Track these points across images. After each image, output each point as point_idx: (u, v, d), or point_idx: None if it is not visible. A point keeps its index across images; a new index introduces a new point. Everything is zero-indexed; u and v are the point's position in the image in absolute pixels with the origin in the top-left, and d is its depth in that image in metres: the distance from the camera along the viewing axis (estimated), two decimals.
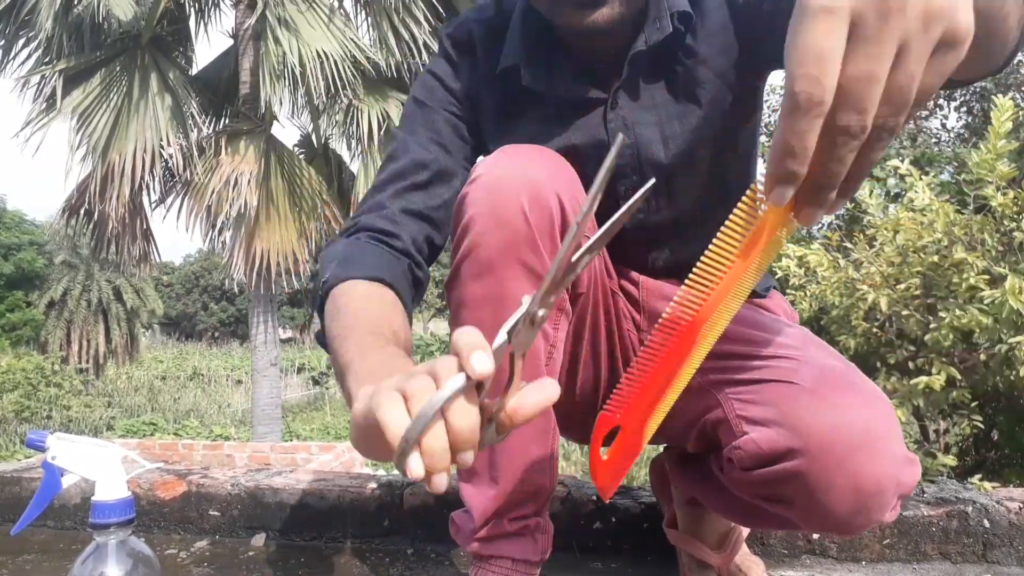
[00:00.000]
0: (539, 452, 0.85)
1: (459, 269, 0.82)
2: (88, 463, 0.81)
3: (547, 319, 0.82)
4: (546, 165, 0.83)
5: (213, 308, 34.36)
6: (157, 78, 6.58)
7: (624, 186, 0.91)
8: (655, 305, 0.94)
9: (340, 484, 1.37)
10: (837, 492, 0.73)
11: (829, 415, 0.73)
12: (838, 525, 0.76)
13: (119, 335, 19.01)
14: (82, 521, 1.42)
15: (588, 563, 1.22)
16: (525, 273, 0.80)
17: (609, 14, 0.82)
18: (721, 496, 0.91)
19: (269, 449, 6.71)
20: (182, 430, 11.72)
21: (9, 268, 20.61)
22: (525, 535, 0.87)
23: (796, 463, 0.74)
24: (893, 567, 1.18)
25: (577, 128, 0.91)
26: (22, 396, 13.43)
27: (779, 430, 0.75)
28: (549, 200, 0.80)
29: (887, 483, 0.72)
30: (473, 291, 0.81)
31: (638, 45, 0.86)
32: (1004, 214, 1.82)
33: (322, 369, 20.15)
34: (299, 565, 1.24)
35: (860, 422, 0.73)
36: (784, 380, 0.78)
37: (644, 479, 4.56)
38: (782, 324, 0.89)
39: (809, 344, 0.84)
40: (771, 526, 1.04)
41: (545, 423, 0.85)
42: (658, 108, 0.90)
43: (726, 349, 0.86)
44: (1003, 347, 1.70)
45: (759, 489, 0.80)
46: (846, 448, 0.72)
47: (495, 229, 0.79)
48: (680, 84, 0.89)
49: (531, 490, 0.86)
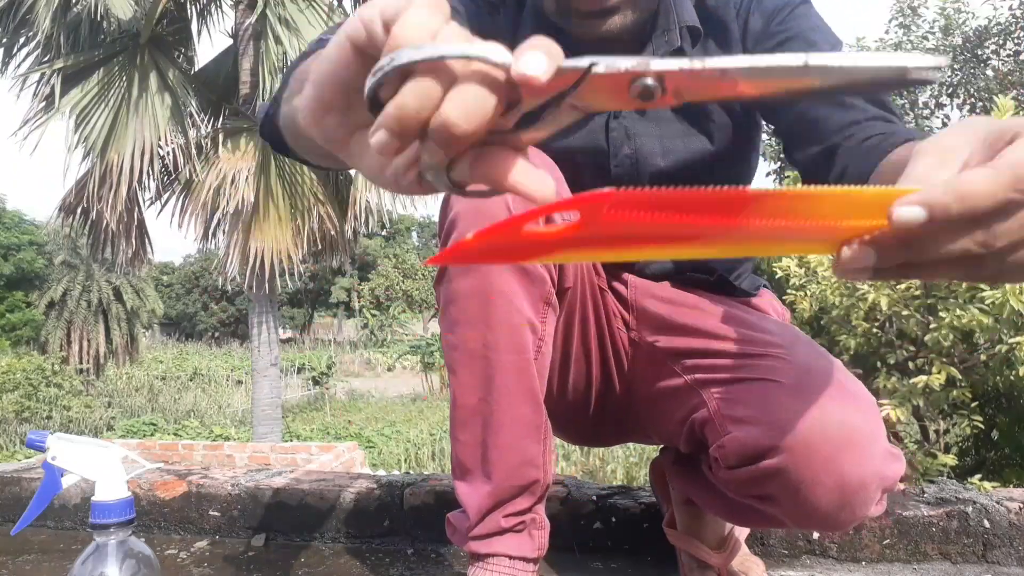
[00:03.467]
0: (532, 446, 0.85)
1: (447, 266, 0.83)
2: (88, 463, 0.81)
3: (536, 313, 0.83)
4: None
5: (213, 308, 34.36)
6: (156, 77, 6.58)
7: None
8: (645, 304, 0.94)
9: (340, 484, 1.37)
10: (821, 489, 0.73)
11: (811, 413, 0.74)
12: (823, 521, 0.77)
13: (119, 335, 19.01)
14: (82, 521, 1.42)
15: (588, 563, 1.22)
16: (511, 267, 0.81)
17: (621, 23, 0.82)
18: (714, 496, 0.92)
19: (269, 449, 6.71)
20: (182, 430, 11.72)
21: (9, 268, 20.61)
22: (521, 531, 0.87)
23: (777, 460, 0.74)
24: (893, 567, 1.18)
25: (577, 134, 0.91)
26: (22, 396, 13.42)
27: (761, 428, 0.76)
28: None
29: (870, 479, 0.73)
30: (460, 287, 0.82)
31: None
32: None
33: (322, 369, 20.16)
34: (299, 565, 1.24)
35: (841, 418, 0.73)
36: (767, 378, 0.79)
37: (644, 479, 4.56)
38: (770, 323, 0.89)
39: (796, 343, 0.84)
40: (762, 524, 1.05)
41: (537, 417, 0.85)
42: (661, 123, 0.91)
43: (713, 347, 0.86)
44: (1003, 347, 1.70)
45: (745, 488, 0.80)
46: (828, 445, 0.73)
47: (478, 224, 0.79)
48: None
49: (525, 484, 0.86)
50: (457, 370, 0.84)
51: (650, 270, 0.97)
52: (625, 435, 1.08)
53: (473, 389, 0.83)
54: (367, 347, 28.21)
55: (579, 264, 0.88)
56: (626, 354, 0.96)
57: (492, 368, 0.82)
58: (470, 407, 0.84)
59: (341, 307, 35.73)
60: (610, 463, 6.43)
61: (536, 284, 0.82)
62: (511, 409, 0.83)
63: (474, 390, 0.83)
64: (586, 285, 0.91)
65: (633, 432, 1.06)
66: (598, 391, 0.97)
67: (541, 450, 0.86)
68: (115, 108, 6.47)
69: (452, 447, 0.87)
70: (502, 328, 0.81)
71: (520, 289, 0.81)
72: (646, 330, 0.94)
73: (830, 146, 0.81)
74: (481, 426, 0.84)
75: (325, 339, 32.64)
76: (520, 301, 0.81)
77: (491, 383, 0.82)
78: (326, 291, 35.30)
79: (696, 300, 0.93)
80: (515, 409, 0.83)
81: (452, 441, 0.87)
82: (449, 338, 0.85)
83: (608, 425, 1.03)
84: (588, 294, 0.91)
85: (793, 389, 0.76)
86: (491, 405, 0.83)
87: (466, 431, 0.85)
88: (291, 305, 34.15)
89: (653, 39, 0.87)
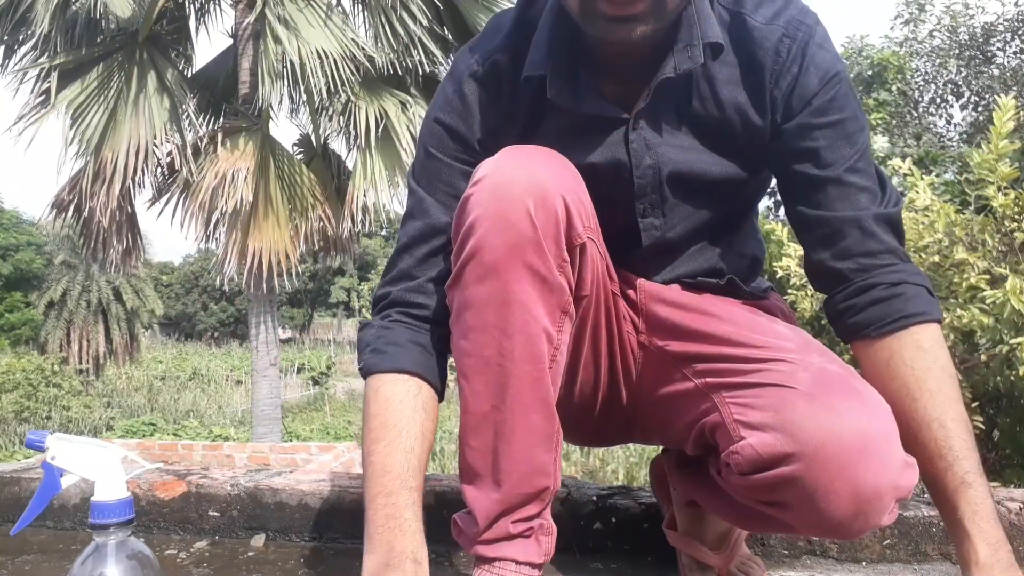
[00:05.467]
0: (543, 455, 0.85)
1: (463, 271, 0.82)
2: (88, 463, 0.81)
3: (552, 322, 0.84)
4: (551, 167, 0.83)
5: (213, 308, 34.36)
6: (154, 76, 6.56)
7: (643, 204, 0.92)
8: (655, 309, 0.94)
9: (340, 484, 1.37)
10: (836, 497, 0.73)
11: (827, 420, 0.73)
12: (836, 530, 0.76)
13: (119, 335, 19.01)
14: (81, 521, 1.42)
15: (588, 564, 1.21)
16: (529, 276, 0.80)
17: (643, 31, 0.81)
18: (720, 499, 0.91)
19: (269, 449, 6.71)
20: (182, 430, 11.73)
21: (8, 269, 20.60)
22: (529, 537, 0.87)
23: (793, 468, 0.74)
24: (894, 568, 1.18)
25: (596, 147, 0.91)
26: (22, 396, 13.43)
27: (776, 435, 0.75)
28: (555, 202, 0.80)
29: (885, 488, 0.73)
30: (477, 293, 0.81)
31: (666, 71, 0.86)
32: (1005, 215, 1.82)
33: (322, 369, 20.14)
34: (299, 565, 1.24)
35: (858, 427, 0.73)
36: (781, 384, 0.78)
37: (644, 479, 4.56)
38: (780, 326, 0.89)
39: (808, 347, 0.84)
40: (770, 530, 1.04)
41: (549, 426, 0.84)
42: (686, 134, 0.91)
43: (724, 352, 0.85)
44: (1004, 347, 1.70)
45: (757, 494, 0.80)
46: (845, 454, 0.72)
47: (500, 231, 0.79)
48: (702, 113, 0.90)
49: (535, 492, 0.85)
50: (470, 376, 0.84)
51: (659, 275, 0.97)
52: (629, 437, 1.07)
53: (486, 397, 0.83)
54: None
55: (596, 270, 0.87)
56: (634, 358, 0.95)
57: (507, 377, 0.81)
58: (482, 414, 0.83)
59: (341, 307, 35.73)
60: (610, 463, 6.43)
61: (555, 293, 0.82)
62: (524, 418, 0.82)
63: (487, 398, 0.83)
64: (601, 291, 0.90)
65: (637, 434, 1.06)
66: (604, 394, 0.97)
67: (552, 458, 0.86)
68: (111, 105, 6.44)
69: (461, 451, 0.87)
70: (518, 337, 0.81)
71: (538, 298, 0.80)
72: (656, 335, 0.93)
73: (840, 272, 0.88)
74: (493, 433, 0.83)
75: (325, 339, 32.66)
76: (538, 310, 0.81)
77: (505, 392, 0.82)
78: (326, 291, 35.31)
79: (707, 304, 0.92)
80: (528, 418, 0.83)
81: (461, 445, 0.86)
82: (462, 344, 0.84)
83: (612, 427, 1.03)
84: (602, 299, 0.91)
85: (809, 395, 0.75)
86: (504, 413, 0.82)
87: (477, 437, 0.84)
88: (291, 305, 34.14)
89: (675, 52, 0.86)
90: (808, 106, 0.87)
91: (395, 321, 0.91)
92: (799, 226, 0.93)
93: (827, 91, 0.87)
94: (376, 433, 0.85)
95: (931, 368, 0.82)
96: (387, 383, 0.87)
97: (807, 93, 0.87)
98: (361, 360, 0.91)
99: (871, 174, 0.89)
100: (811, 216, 0.89)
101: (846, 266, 0.88)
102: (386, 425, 0.85)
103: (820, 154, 0.87)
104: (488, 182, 0.81)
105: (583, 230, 0.83)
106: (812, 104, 0.87)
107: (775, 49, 0.87)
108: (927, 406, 0.81)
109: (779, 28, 0.87)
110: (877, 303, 0.85)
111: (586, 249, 0.84)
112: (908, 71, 7.82)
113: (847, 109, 0.88)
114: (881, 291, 0.85)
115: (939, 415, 0.80)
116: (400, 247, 0.94)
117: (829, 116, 0.87)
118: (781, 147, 0.90)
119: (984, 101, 7.67)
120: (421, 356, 0.89)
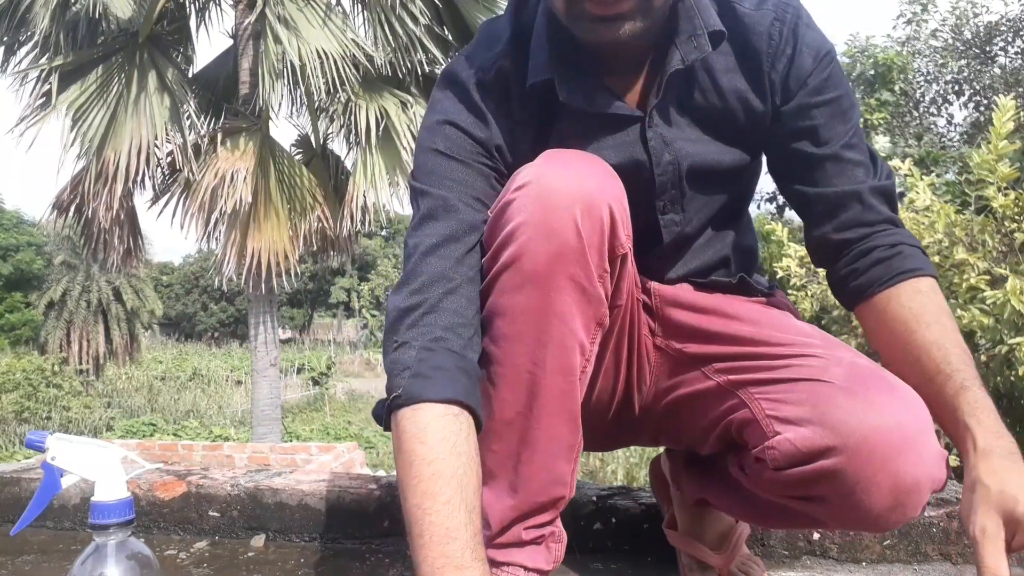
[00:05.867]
0: (563, 465, 0.84)
1: (499, 277, 0.80)
2: (88, 464, 0.81)
3: (587, 334, 0.82)
4: (595, 173, 0.81)
5: (213, 308, 34.36)
6: (154, 76, 6.56)
7: (663, 201, 0.92)
8: (670, 313, 0.93)
9: (340, 485, 1.37)
10: (876, 490, 0.73)
11: (868, 414, 0.73)
12: (874, 522, 0.76)
13: (119, 336, 19.01)
14: (81, 522, 1.42)
15: (588, 564, 1.21)
16: (572, 287, 0.78)
17: (631, 29, 0.81)
18: (734, 497, 0.91)
19: (269, 450, 6.71)
20: (182, 431, 11.73)
21: (8, 269, 20.61)
22: (540, 544, 0.87)
23: (835, 461, 0.74)
24: (894, 568, 1.18)
25: (612, 146, 0.90)
26: (22, 396, 13.43)
27: (815, 428, 0.75)
28: (601, 211, 0.78)
29: (924, 480, 0.74)
30: (514, 301, 0.79)
31: (673, 63, 0.86)
32: (1005, 215, 1.82)
33: (322, 370, 20.14)
34: (299, 566, 1.24)
35: (898, 420, 0.73)
36: (816, 379, 0.78)
37: (644, 479, 4.56)
38: (799, 322, 0.90)
39: (832, 342, 0.84)
40: (794, 525, 1.04)
41: (573, 438, 0.84)
42: (690, 125, 0.91)
43: (748, 351, 0.85)
44: (1004, 348, 1.70)
45: (791, 489, 0.80)
46: (887, 447, 0.72)
47: (543, 239, 0.77)
48: (704, 104, 0.90)
49: (550, 501, 0.85)
50: (498, 384, 0.82)
51: (673, 270, 0.96)
52: (636, 441, 1.07)
53: (514, 404, 0.81)
54: (367, 347, 28.21)
55: (631, 279, 0.86)
56: (650, 362, 0.95)
57: (537, 387, 0.80)
58: (506, 421, 0.82)
59: (341, 307, 35.72)
60: (610, 463, 6.43)
61: (592, 304, 0.80)
62: (550, 429, 0.82)
63: (515, 405, 0.81)
64: (632, 300, 0.89)
65: (645, 438, 1.05)
66: (619, 400, 0.96)
67: (571, 469, 0.85)
68: (112, 106, 6.44)
69: (480, 454, 0.83)
70: (553, 348, 0.79)
71: (577, 310, 0.79)
72: (673, 339, 0.93)
73: (841, 242, 0.90)
74: (516, 441, 0.82)
75: (325, 339, 32.65)
76: (575, 322, 0.80)
77: (534, 402, 0.81)
78: (326, 291, 35.30)
79: (724, 304, 0.92)
80: (554, 429, 0.82)
81: (481, 448, 0.81)
82: (492, 350, 0.81)
83: (622, 432, 1.02)
84: (630, 308, 0.90)
85: (847, 390, 0.75)
86: (530, 423, 0.81)
87: (500, 443, 0.83)
88: (291, 305, 34.13)
89: (679, 44, 0.86)
90: (805, 86, 0.89)
91: (437, 340, 0.79)
92: (799, 205, 0.94)
93: (821, 70, 0.89)
94: (429, 485, 0.72)
95: (927, 305, 0.84)
96: (437, 418, 0.76)
97: (803, 74, 0.89)
98: (397, 382, 0.78)
99: (864, 149, 0.91)
100: (811, 194, 0.91)
101: (847, 236, 0.89)
102: (440, 476, 0.73)
103: (818, 132, 0.89)
104: (533, 188, 0.78)
105: (625, 239, 0.82)
106: (808, 84, 0.89)
107: (768, 33, 0.89)
108: (925, 335, 0.82)
109: (769, 12, 0.89)
110: (878, 263, 0.87)
111: (627, 259, 0.83)
112: (910, 71, 7.81)
113: (841, 87, 0.90)
114: (881, 252, 0.87)
115: (936, 339, 0.81)
116: (425, 249, 0.84)
117: (825, 95, 0.89)
118: (780, 129, 0.91)
119: (986, 100, 7.66)
120: (469, 385, 0.79)
